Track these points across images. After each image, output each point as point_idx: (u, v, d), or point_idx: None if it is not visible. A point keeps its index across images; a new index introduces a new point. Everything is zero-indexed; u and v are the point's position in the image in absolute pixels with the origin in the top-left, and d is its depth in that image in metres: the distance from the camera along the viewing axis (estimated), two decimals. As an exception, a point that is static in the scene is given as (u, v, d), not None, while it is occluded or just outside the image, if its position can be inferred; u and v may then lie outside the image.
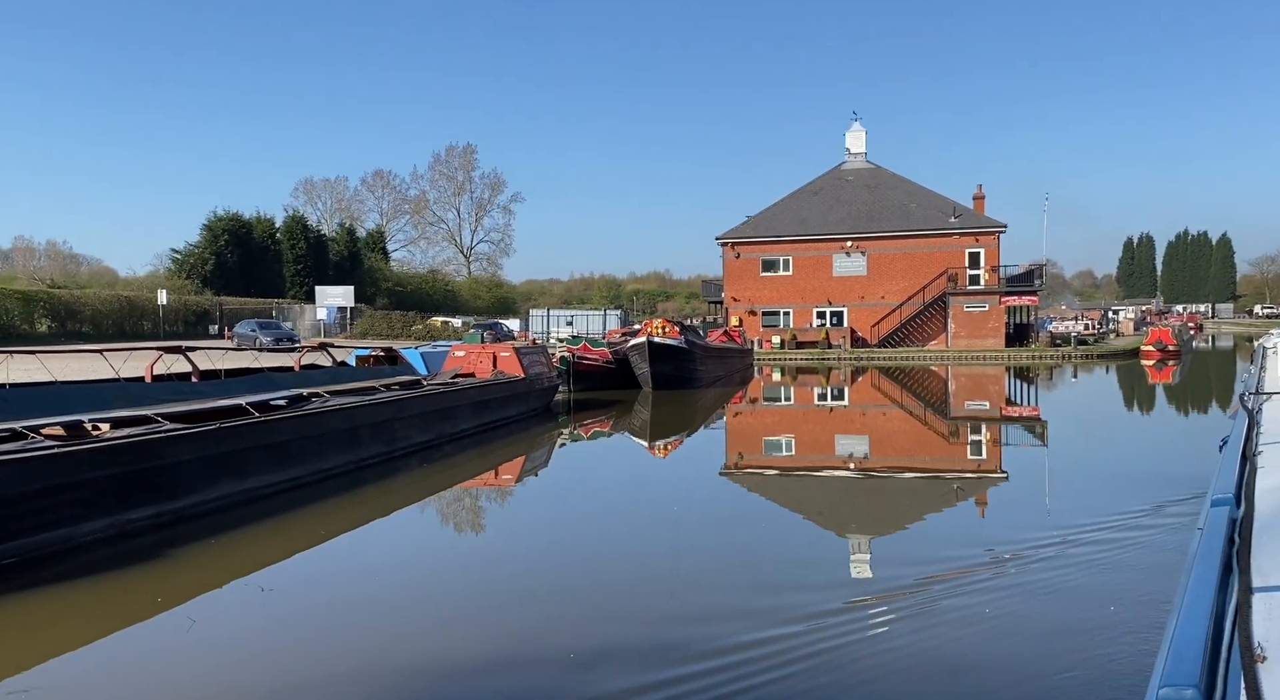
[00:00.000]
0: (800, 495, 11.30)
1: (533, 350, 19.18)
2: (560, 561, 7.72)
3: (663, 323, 26.77)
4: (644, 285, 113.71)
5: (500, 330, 47.00)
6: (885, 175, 51.39)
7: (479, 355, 17.63)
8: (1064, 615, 5.92)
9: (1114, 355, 43.86)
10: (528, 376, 17.88)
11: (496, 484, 12.24)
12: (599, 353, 25.58)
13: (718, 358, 31.47)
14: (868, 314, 47.52)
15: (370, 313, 51.90)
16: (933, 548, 7.93)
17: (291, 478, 9.73)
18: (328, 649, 5.41)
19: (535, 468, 13.89)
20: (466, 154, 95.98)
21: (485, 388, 16.01)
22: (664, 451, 16.05)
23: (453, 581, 7.08)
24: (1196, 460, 13.14)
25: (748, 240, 49.56)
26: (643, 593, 6.66)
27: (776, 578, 7.04)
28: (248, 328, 38.14)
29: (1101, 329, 63.07)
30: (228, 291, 54.97)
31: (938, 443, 16.97)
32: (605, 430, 19.31)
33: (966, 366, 39.27)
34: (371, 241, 75.47)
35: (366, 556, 7.72)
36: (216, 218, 57.24)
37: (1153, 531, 8.05)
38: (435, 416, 13.77)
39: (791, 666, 5.05)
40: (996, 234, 46.01)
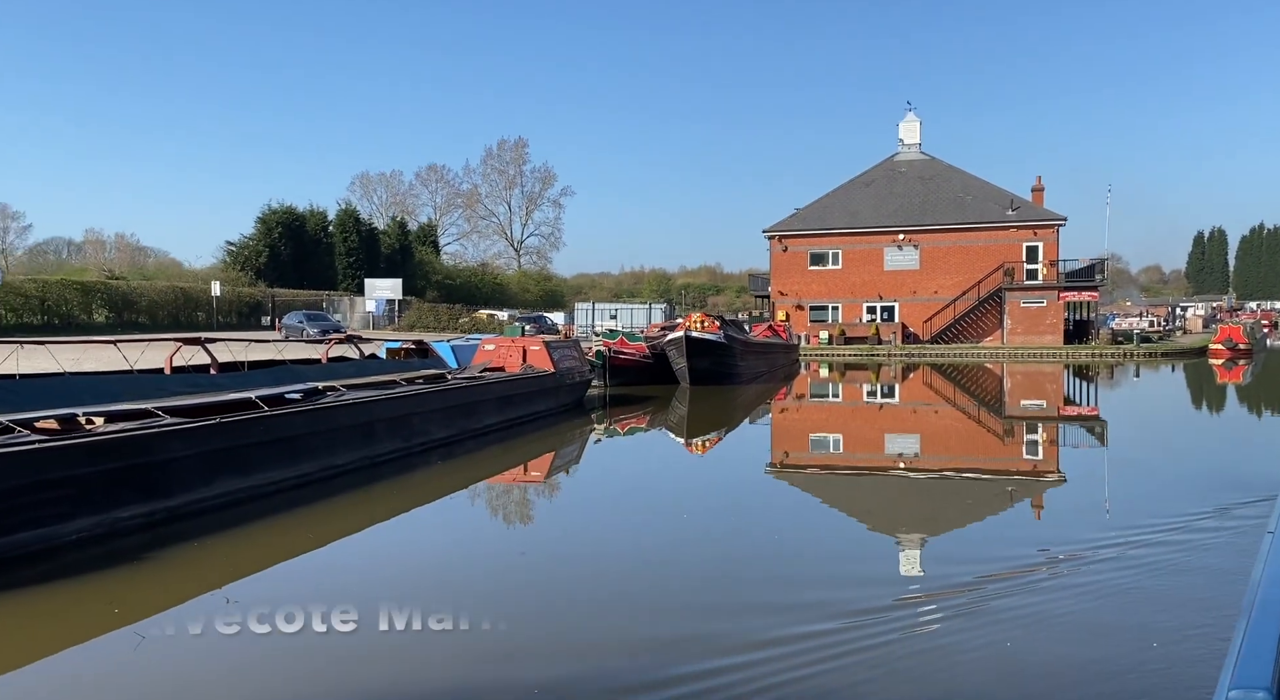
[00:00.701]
0: (847, 494, 11.03)
1: (564, 344, 18.85)
2: (593, 555, 7.66)
3: (701, 317, 26.22)
4: (694, 279, 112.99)
5: (543, 323, 46.99)
6: (940, 166, 49.95)
7: (509, 349, 17.35)
8: (1125, 617, 5.76)
9: (1180, 354, 41.98)
10: (558, 371, 17.55)
11: (524, 480, 11.99)
12: (635, 347, 25.18)
13: (760, 353, 30.82)
14: (920, 309, 46.26)
15: (418, 305, 52.29)
16: (985, 548, 7.78)
17: (300, 475, 9.50)
18: (286, 683, 4.93)
19: (566, 464, 13.65)
20: (518, 148, 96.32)
21: (512, 382, 15.72)
22: (702, 448, 15.70)
23: (463, 600, 6.17)
24: (1265, 462, 12.70)
25: (796, 233, 48.63)
26: (683, 586, 6.63)
27: (823, 574, 6.95)
28: (295, 319, 38.66)
29: (1167, 326, 60.60)
30: (281, 283, 55.87)
31: (992, 442, 16.49)
32: (642, 426, 18.99)
33: (1022, 364, 38.07)
34: (422, 235, 76.16)
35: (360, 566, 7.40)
36: (270, 210, 58.18)
37: (1218, 534, 7.85)
38: (457, 412, 13.50)
39: (839, 661, 4.98)
40: (1056, 227, 44.37)
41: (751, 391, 25.92)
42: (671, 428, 18.95)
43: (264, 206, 58.71)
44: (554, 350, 17.77)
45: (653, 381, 25.33)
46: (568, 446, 15.65)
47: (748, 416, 21.57)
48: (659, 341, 25.76)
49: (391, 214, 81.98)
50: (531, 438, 15.24)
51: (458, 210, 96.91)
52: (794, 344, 38.86)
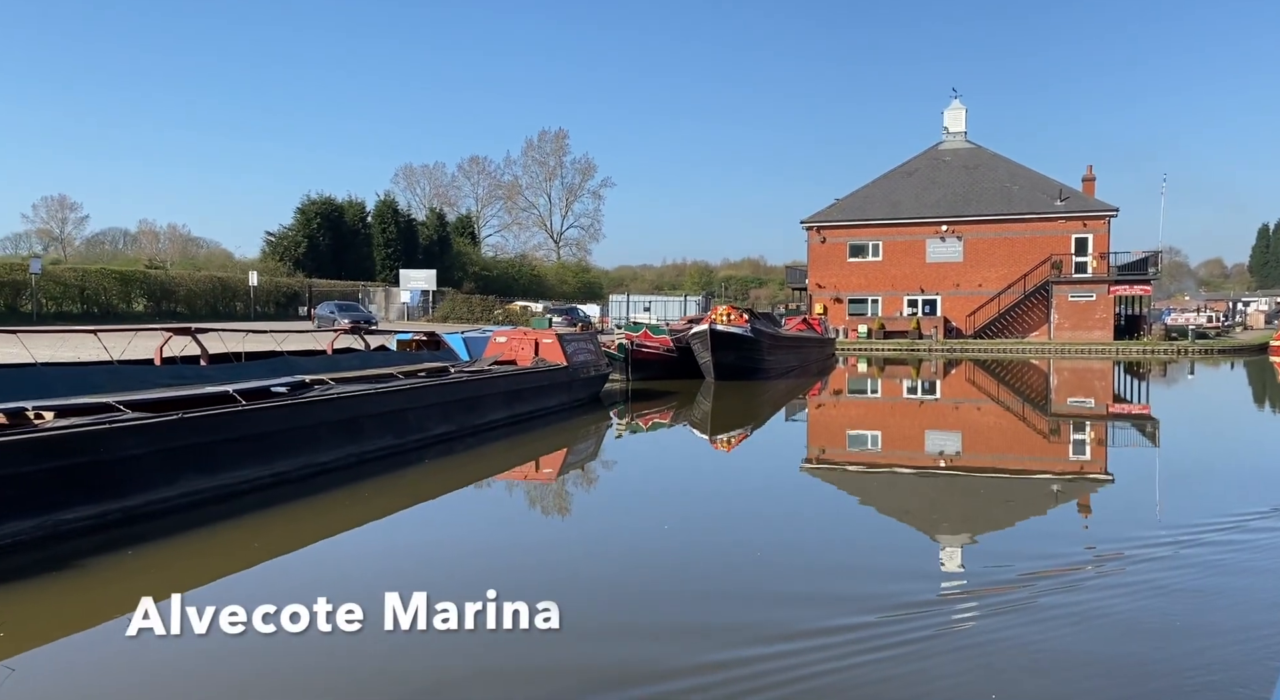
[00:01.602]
0: (886, 492, 10.77)
1: (579, 337, 18.30)
2: (620, 548, 7.64)
3: (728, 309, 25.48)
4: (737, 271, 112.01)
5: (576, 315, 46.56)
6: (985, 155, 48.36)
7: (520, 341, 16.85)
8: (1177, 617, 5.63)
9: (1238, 351, 40.08)
10: (571, 365, 17.01)
11: (537, 477, 11.55)
12: (659, 340, 24.54)
13: (791, 347, 29.97)
14: (963, 303, 44.87)
15: (452, 296, 52.26)
16: (1029, 546, 7.60)
17: (275, 473, 9.08)
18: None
19: (582, 460, 13.18)
20: (558, 139, 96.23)
21: (520, 376, 15.22)
22: (727, 446, 15.15)
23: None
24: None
25: (835, 224, 47.51)
26: (717, 576, 6.65)
27: (861, 569, 6.84)
28: (327, 310, 38.77)
29: (1226, 322, 58.13)
30: (319, 274, 56.37)
31: (1037, 441, 15.93)
32: (665, 421, 18.44)
33: (1070, 360, 36.70)
34: (460, 226, 76.46)
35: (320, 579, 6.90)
36: (310, 201, 58.76)
37: (1272, 535, 7.71)
38: (458, 406, 13.03)
39: (878, 654, 4.94)
40: (1107, 218, 42.64)
41: (781, 387, 25.20)
42: (695, 424, 18.39)
43: (303, 197, 59.32)
44: (567, 343, 17.23)
45: (677, 376, 24.72)
46: (582, 442, 15.16)
47: (777, 413, 20.93)
48: (684, 335, 25.11)
49: (434, 205, 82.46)
50: (541, 434, 14.76)
51: (499, 202, 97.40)
52: (829, 338, 37.83)
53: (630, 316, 54.01)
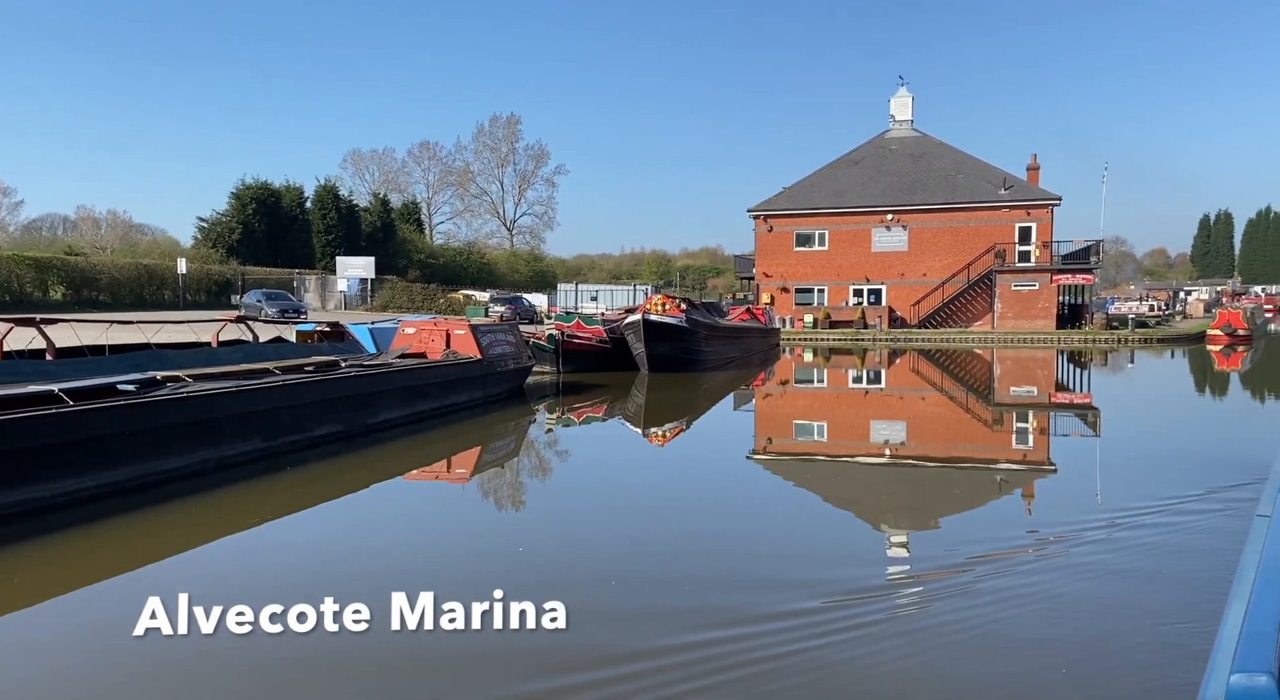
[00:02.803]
0: (832, 482, 10.84)
1: (497, 328, 17.38)
2: (559, 537, 7.58)
3: (663, 299, 24.76)
4: (695, 261, 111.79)
5: (521, 305, 45.55)
6: (931, 144, 48.17)
7: (430, 333, 15.88)
8: (1115, 597, 5.80)
9: (1176, 339, 40.47)
10: (486, 357, 16.11)
11: (446, 478, 10.87)
12: (592, 331, 23.72)
13: (731, 338, 29.33)
14: (908, 292, 44.71)
15: (392, 285, 50.78)
16: (974, 532, 7.83)
17: (103, 484, 8.08)
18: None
19: (500, 458, 12.45)
20: (510, 125, 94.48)
21: (425, 370, 14.27)
22: (662, 439, 14.58)
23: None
24: (1257, 446, 12.29)
25: (781, 213, 47.00)
26: (662, 564, 6.71)
27: (809, 556, 6.94)
28: (254, 298, 37.25)
29: (1167, 310, 58.96)
30: (254, 262, 54.38)
31: (981, 430, 16.14)
32: (599, 415, 17.74)
33: (1013, 349, 36.72)
34: (406, 212, 74.55)
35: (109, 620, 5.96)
36: (245, 186, 56.57)
37: (1209, 516, 7.95)
38: (348, 404, 12.07)
39: (829, 638, 5.04)
40: (1050, 207, 42.68)
41: (720, 378, 24.58)
42: (629, 417, 17.69)
43: (238, 182, 57.15)
44: (482, 335, 16.31)
45: (611, 368, 23.96)
46: (499, 440, 14.34)
47: (714, 405, 20.34)
48: (619, 325, 24.31)
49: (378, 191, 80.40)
50: (450, 432, 13.90)
51: (450, 189, 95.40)
52: (773, 328, 37.30)
53: (578, 306, 53.14)
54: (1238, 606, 1.95)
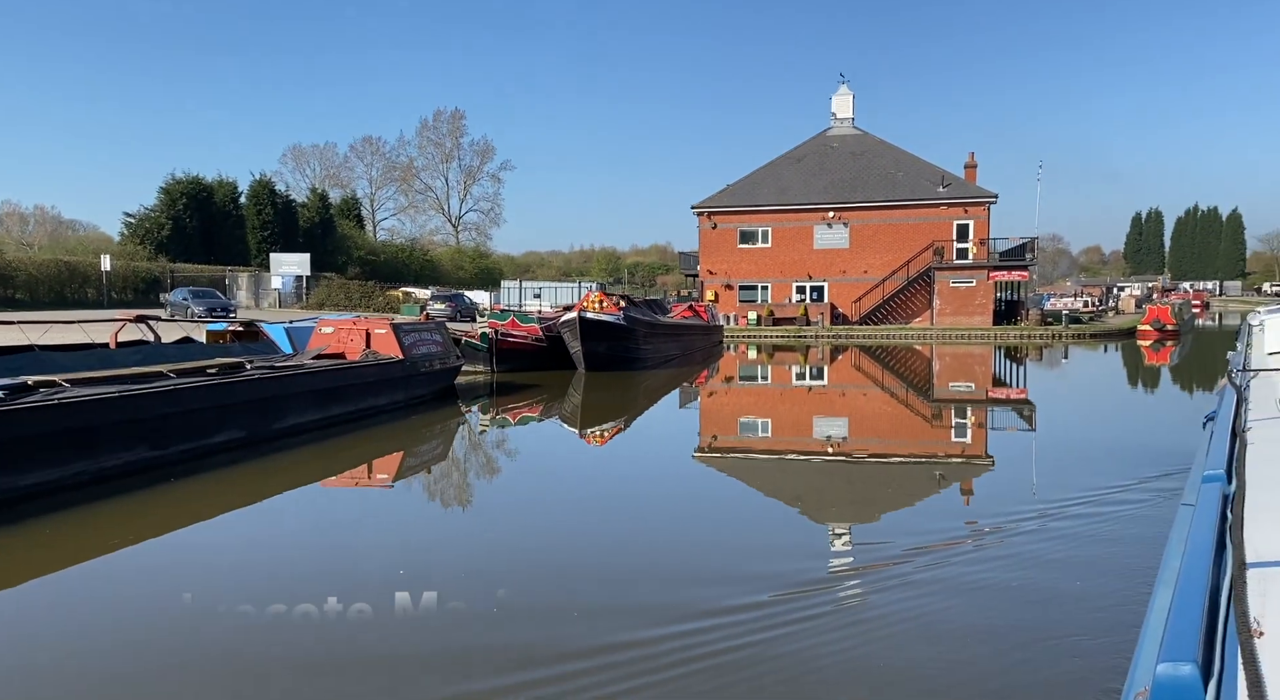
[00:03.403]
0: (776, 479, 10.84)
1: (421, 327, 16.78)
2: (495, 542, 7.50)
3: (600, 296, 24.38)
4: (645, 258, 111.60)
5: (461, 302, 44.67)
6: (872, 142, 48.50)
7: (349, 333, 15.25)
8: (1048, 585, 5.99)
9: (1108, 335, 41.33)
10: (409, 358, 15.52)
11: (368, 484, 10.39)
12: (527, 329, 23.20)
13: (671, 336, 29.04)
14: (849, 289, 44.96)
15: (328, 282, 49.47)
16: (914, 524, 8.01)
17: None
18: None
19: (425, 463, 11.97)
20: (454, 120, 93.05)
21: (340, 371, 13.65)
22: (600, 439, 14.29)
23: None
24: (1181, 437, 12.52)
25: (725, 210, 46.89)
26: (608, 562, 6.81)
27: (754, 552, 7.01)
28: (180, 296, 35.87)
29: (1101, 306, 60.38)
30: (186, 258, 52.56)
31: (921, 426, 16.32)
32: (535, 415, 17.29)
33: (951, 345, 37.08)
34: (346, 208, 72.87)
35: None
36: (175, 180, 54.62)
37: (1138, 506, 8.21)
38: (251, 409, 11.44)
39: (775, 631, 5.14)
40: (987, 205, 43.25)
41: (659, 377, 24.25)
42: (565, 418, 17.25)
43: (168, 176, 55.15)
44: (405, 334, 15.72)
45: (548, 367, 23.49)
46: (424, 443, 13.78)
47: (654, 403, 20.01)
48: (555, 323, 23.83)
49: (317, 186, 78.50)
50: (367, 436, 13.30)
51: (394, 184, 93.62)
52: (716, 325, 37.11)
53: (522, 303, 52.41)
54: (1164, 594, 2.02)
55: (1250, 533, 2.20)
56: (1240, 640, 1.61)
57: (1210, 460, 3.17)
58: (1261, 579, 1.90)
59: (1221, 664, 1.67)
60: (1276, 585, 1.87)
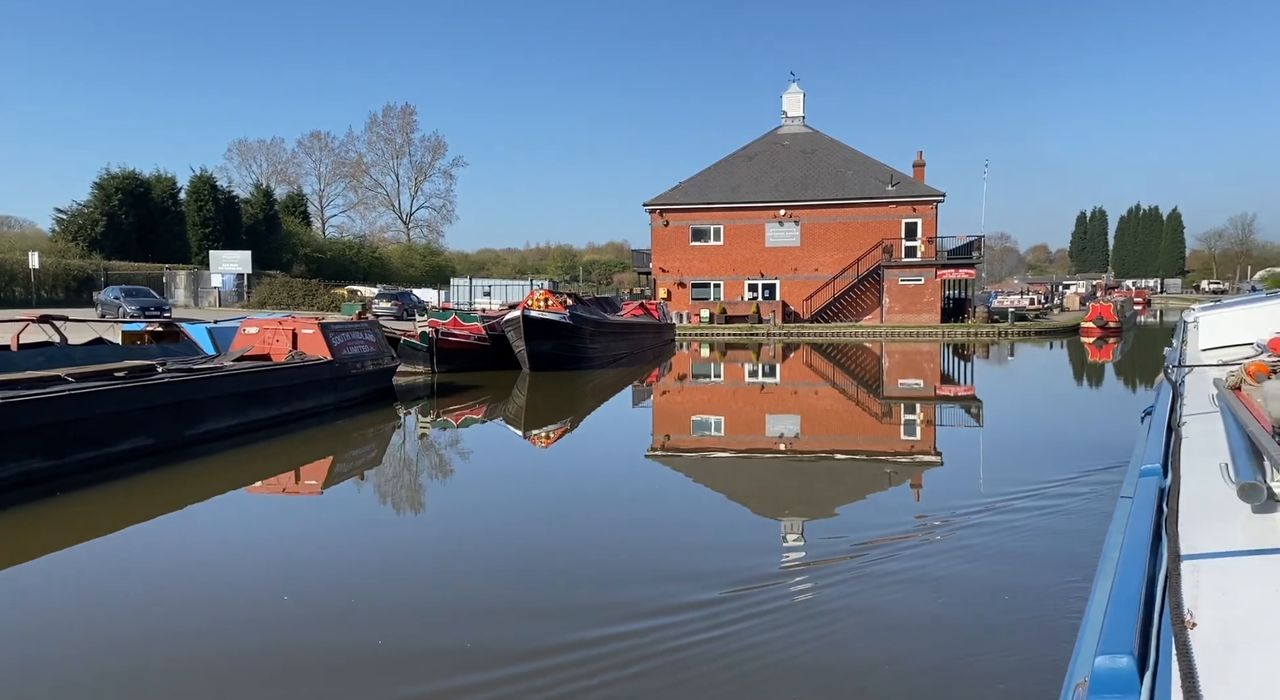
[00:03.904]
0: (730, 477, 10.84)
1: (353, 326, 16.18)
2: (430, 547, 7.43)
3: (545, 294, 23.89)
4: (601, 256, 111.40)
5: (408, 301, 43.83)
6: (823, 140, 48.67)
7: (275, 333, 14.61)
8: (993, 578, 6.12)
9: (1053, 332, 41.97)
10: (338, 359, 14.93)
11: (295, 490, 9.87)
12: (470, 328, 22.65)
13: (620, 334, 28.66)
14: (801, 287, 45.04)
15: (270, 280, 48.19)
16: (865, 519, 8.18)
17: None
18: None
19: (359, 468, 11.41)
20: (405, 115, 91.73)
21: (262, 374, 13.03)
22: (546, 441, 13.87)
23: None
24: (1121, 431, 12.64)
25: (677, 207, 46.66)
26: (565, 561, 6.78)
27: (708, 549, 7.05)
28: (111, 295, 34.54)
29: (1046, 304, 61.42)
30: (122, 256, 50.82)
31: (871, 423, 16.44)
32: (478, 417, 16.76)
33: (900, 343, 37.29)
34: (292, 204, 71.19)
35: None
36: (110, 175, 52.75)
37: (1077, 499, 8.39)
38: (162, 414, 10.81)
39: (730, 627, 5.21)
40: (934, 203, 43.63)
41: (607, 376, 23.86)
42: (510, 419, 16.77)
43: (102, 171, 53.26)
44: (334, 334, 15.12)
45: (492, 367, 22.97)
46: (355, 448, 13.20)
47: (601, 403, 19.64)
48: (499, 322, 23.30)
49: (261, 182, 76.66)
50: (292, 441, 12.69)
51: (343, 181, 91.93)
52: (667, 323, 36.83)
53: (473, 302, 51.67)
54: (1103, 586, 2.05)
55: (1184, 526, 2.22)
56: (1174, 631, 1.63)
57: (1147, 454, 3.20)
58: (1195, 571, 1.92)
59: (1157, 655, 1.67)
60: (1209, 577, 1.88)
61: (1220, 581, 1.86)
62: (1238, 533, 2.17)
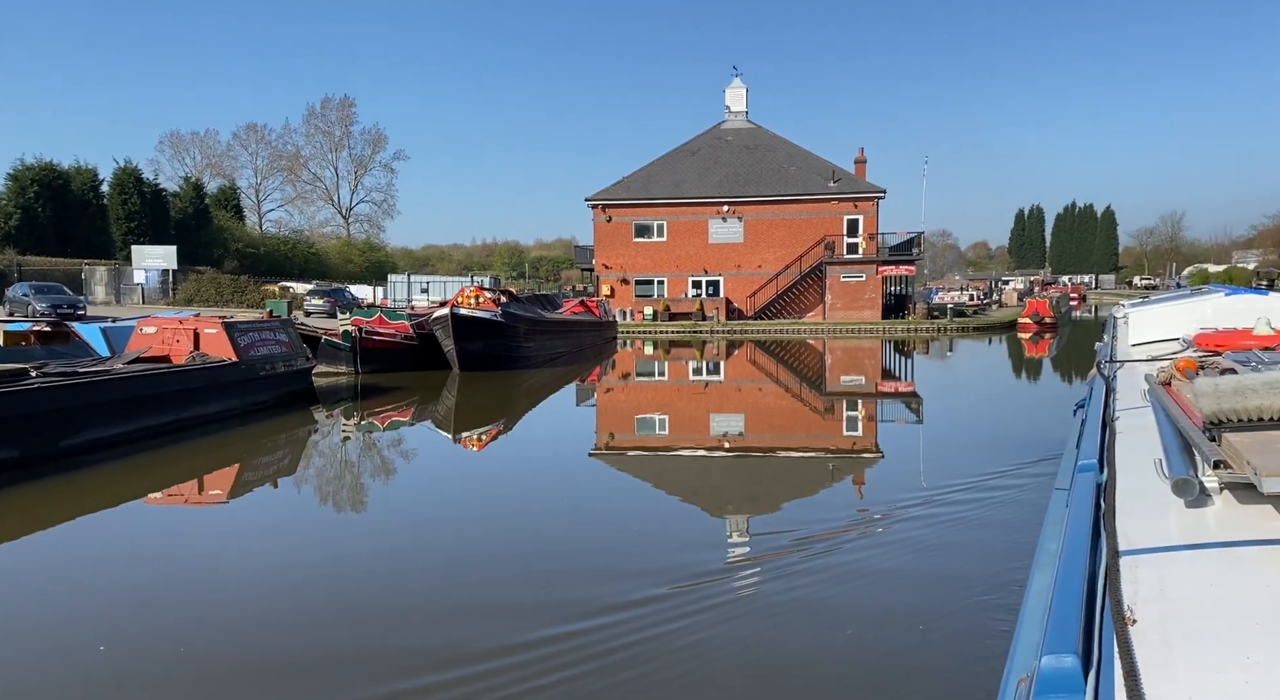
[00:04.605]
0: (674, 475, 10.83)
1: (261, 325, 15.26)
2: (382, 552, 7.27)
3: (476, 291, 23.11)
4: (550, 252, 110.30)
5: (342, 297, 42.46)
6: (765, 136, 48.51)
7: (175, 333, 13.67)
8: (933, 569, 6.23)
9: (991, 328, 42.43)
10: (245, 360, 14.04)
11: (198, 501, 9.29)
12: (396, 326, 21.78)
13: (558, 332, 28.00)
14: (744, 283, 44.83)
15: (197, 276, 46.35)
16: (808, 514, 8.28)
17: None
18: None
19: (272, 475, 10.78)
20: (344, 107, 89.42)
21: (153, 377, 12.11)
22: (478, 444, 13.35)
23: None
24: (1054, 423, 12.87)
25: (620, 202, 46.05)
26: (509, 561, 6.76)
27: (651, 548, 7.11)
28: (20, 291, 32.72)
29: (986, 300, 62.30)
30: (38, 251, 48.36)
31: (815, 420, 16.55)
32: (406, 419, 16.06)
33: (842, 340, 37.34)
34: (224, 198, 68.79)
35: None
36: (24, 166, 50.12)
37: (1013, 491, 8.58)
38: (32, 422, 9.90)
39: (676, 623, 5.26)
40: (875, 200, 43.76)
41: (544, 376, 23.24)
42: (439, 422, 16.07)
43: (15, 161, 50.64)
44: (241, 334, 14.22)
45: (421, 367, 22.16)
46: (265, 455, 12.41)
47: (537, 404, 19.04)
48: (425, 320, 22.46)
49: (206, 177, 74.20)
50: (192, 449, 11.87)
51: (281, 174, 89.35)
52: (608, 321, 36.23)
53: (410, 298, 50.46)
54: (1041, 577, 2.12)
55: (1122, 521, 2.24)
56: (1116, 628, 1.64)
57: (1083, 449, 3.24)
58: (1133, 566, 1.94)
59: (1100, 653, 1.68)
60: (1147, 572, 1.89)
61: (1158, 577, 1.86)
62: (1173, 527, 2.17)
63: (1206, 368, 3.68)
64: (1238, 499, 2.25)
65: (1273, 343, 4.79)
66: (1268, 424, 2.30)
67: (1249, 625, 1.59)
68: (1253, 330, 5.07)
